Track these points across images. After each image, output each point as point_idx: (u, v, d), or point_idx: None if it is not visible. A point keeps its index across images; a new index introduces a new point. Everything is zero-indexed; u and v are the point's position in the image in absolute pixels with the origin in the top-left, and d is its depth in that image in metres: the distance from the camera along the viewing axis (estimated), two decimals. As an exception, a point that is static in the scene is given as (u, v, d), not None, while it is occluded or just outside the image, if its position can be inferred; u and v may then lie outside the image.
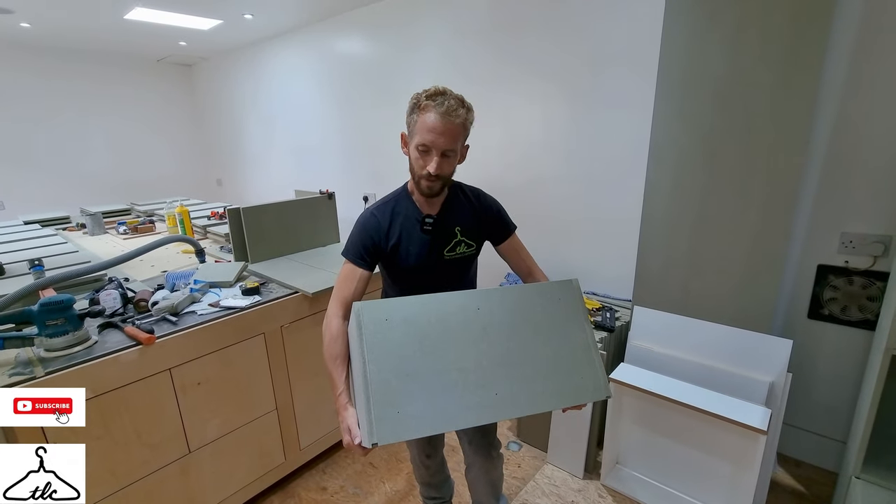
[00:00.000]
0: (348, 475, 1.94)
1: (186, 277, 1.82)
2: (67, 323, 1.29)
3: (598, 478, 1.86)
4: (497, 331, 0.90)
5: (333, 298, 1.11)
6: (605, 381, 0.94)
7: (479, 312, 0.90)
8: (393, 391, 0.79)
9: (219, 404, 1.57)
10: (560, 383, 0.90)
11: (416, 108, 1.05)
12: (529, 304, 0.94)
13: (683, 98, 1.73)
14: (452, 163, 1.08)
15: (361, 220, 1.17)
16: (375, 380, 0.79)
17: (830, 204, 1.69)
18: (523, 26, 2.45)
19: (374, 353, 0.81)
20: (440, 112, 1.00)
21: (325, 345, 1.04)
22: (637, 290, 1.99)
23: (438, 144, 1.02)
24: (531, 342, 0.91)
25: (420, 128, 1.03)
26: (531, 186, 2.60)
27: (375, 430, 0.76)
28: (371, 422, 0.77)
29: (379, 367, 0.81)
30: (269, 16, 3.50)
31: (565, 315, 0.96)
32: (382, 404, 0.78)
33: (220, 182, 5.70)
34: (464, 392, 0.83)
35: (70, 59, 4.48)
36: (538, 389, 0.88)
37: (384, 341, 0.83)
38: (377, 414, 0.77)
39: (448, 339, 0.86)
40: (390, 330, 0.84)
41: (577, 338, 0.94)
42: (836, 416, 1.81)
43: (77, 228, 3.20)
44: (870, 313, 1.67)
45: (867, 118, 1.57)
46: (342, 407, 0.95)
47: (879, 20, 1.50)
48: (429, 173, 1.04)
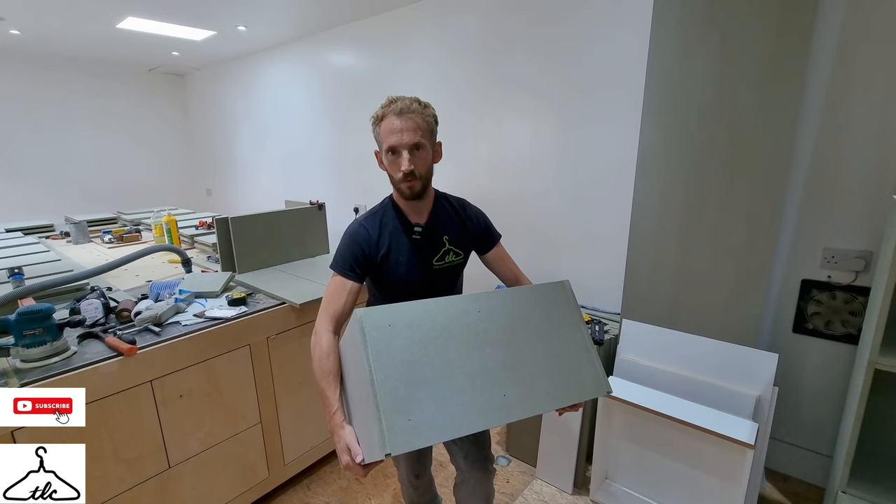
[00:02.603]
0: (333, 491, 1.89)
1: (171, 287, 1.79)
2: (46, 333, 1.26)
3: (587, 493, 1.84)
4: (499, 333, 0.90)
5: (322, 313, 1.07)
6: (604, 377, 0.95)
7: (479, 316, 0.90)
8: (402, 399, 0.76)
9: (201, 417, 1.53)
10: (563, 382, 0.91)
11: (377, 120, 1.09)
12: (527, 306, 0.95)
13: (669, 115, 1.77)
14: (425, 158, 1.09)
15: (350, 231, 1.16)
16: (384, 388, 0.76)
17: (813, 219, 1.72)
18: (513, 44, 2.50)
19: (381, 360, 0.78)
20: (396, 112, 1.05)
21: (315, 361, 1.00)
22: (625, 304, 2.00)
23: (404, 141, 1.04)
24: (532, 343, 0.92)
25: (384, 134, 1.07)
26: (520, 200, 2.62)
27: (388, 439, 0.72)
28: (382, 431, 0.73)
29: (386, 374, 0.77)
30: (262, 28, 3.52)
31: (561, 315, 0.97)
32: (393, 413, 0.75)
33: (209, 192, 5.66)
34: (472, 396, 0.81)
35: (60, 66, 4.45)
36: (543, 389, 0.88)
37: (389, 348, 0.80)
38: (388, 423, 0.73)
39: (452, 343, 0.85)
40: (394, 336, 0.82)
41: (574, 337, 0.96)
42: (821, 430, 1.82)
43: (61, 237, 3.15)
44: (853, 328, 1.69)
45: (847, 135, 1.61)
46: (338, 426, 0.90)
47: (857, 40, 1.55)
48: (404, 173, 1.06)
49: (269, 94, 4.33)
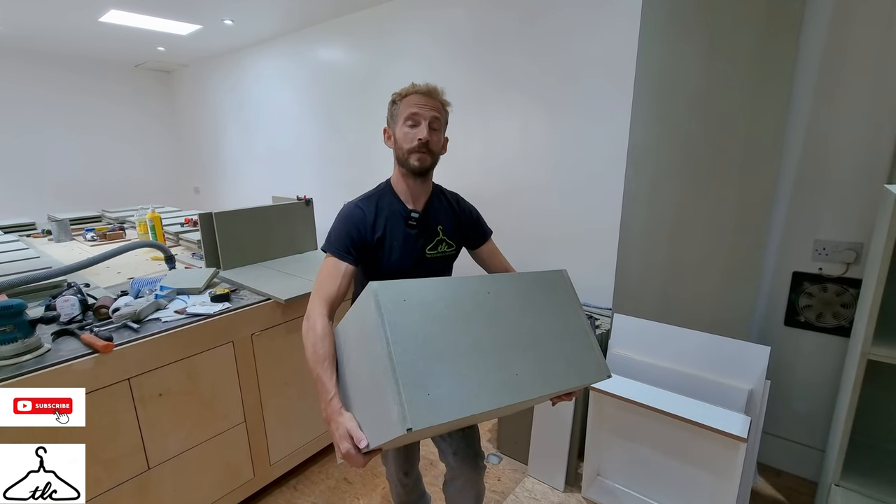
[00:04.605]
0: (321, 491, 1.85)
1: (153, 284, 1.74)
2: (17, 330, 1.20)
3: (579, 490, 1.82)
4: (508, 314, 0.90)
5: (315, 297, 1.03)
6: (604, 362, 0.96)
7: (489, 297, 0.90)
8: (420, 373, 0.74)
9: (182, 416, 1.48)
10: (568, 365, 0.91)
11: (399, 97, 1.11)
12: (532, 290, 0.97)
13: (660, 106, 1.75)
14: (439, 137, 1.12)
15: (345, 211, 1.13)
16: (402, 361, 0.73)
17: (804, 211, 1.71)
18: (502, 38, 2.47)
19: (398, 333, 0.76)
20: (422, 91, 1.09)
21: (309, 347, 0.95)
22: (617, 298, 1.98)
23: (426, 114, 1.07)
24: (538, 325, 0.92)
25: (406, 107, 1.08)
26: (511, 196, 2.60)
27: (409, 413, 0.69)
28: (402, 405, 0.69)
29: (403, 347, 0.75)
30: (249, 22, 3.47)
31: (562, 301, 0.99)
32: (412, 387, 0.71)
33: (197, 190, 5.58)
34: (487, 373, 0.80)
35: (42, 62, 4.35)
36: (551, 371, 0.88)
37: (405, 322, 0.78)
38: (408, 397, 0.70)
39: (464, 321, 0.84)
40: (409, 311, 0.80)
41: (574, 323, 0.97)
42: (814, 424, 1.81)
43: (42, 235, 3.07)
44: (844, 320, 1.68)
45: (836, 126, 1.60)
46: (336, 412, 0.84)
47: (846, 29, 1.54)
48: (420, 141, 1.06)
49: (257, 90, 4.27)
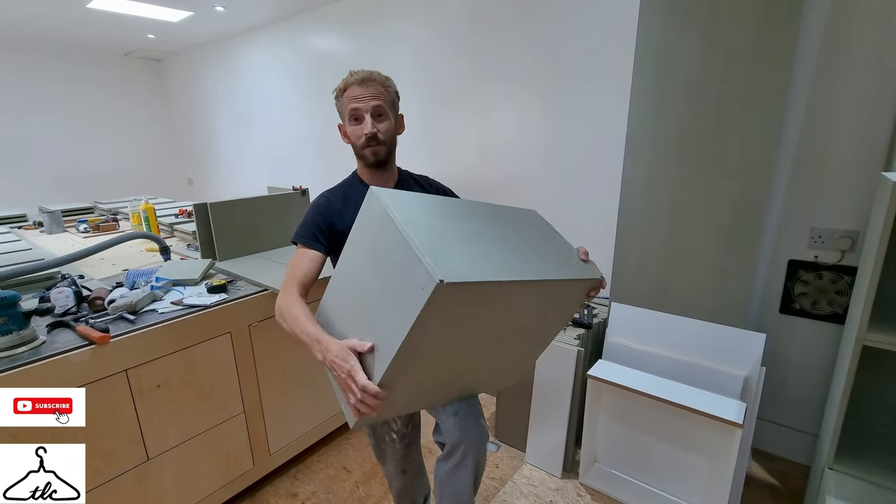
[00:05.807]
0: (321, 480, 1.86)
1: (148, 275, 1.72)
2: (11, 322, 1.19)
3: (576, 476, 1.84)
4: (503, 217, 0.97)
5: (287, 284, 1.05)
6: (596, 269, 0.99)
7: (480, 206, 0.97)
8: (437, 247, 0.72)
9: (181, 407, 1.48)
10: (566, 262, 0.95)
11: (340, 92, 1.12)
12: (515, 212, 1.05)
13: (658, 94, 1.74)
14: (388, 124, 1.12)
15: (313, 202, 1.16)
16: (418, 236, 0.72)
17: (800, 199, 1.71)
18: (499, 26, 2.44)
19: (407, 217, 0.76)
20: (358, 82, 1.09)
21: (289, 317, 0.96)
22: (614, 287, 1.99)
23: (366, 106, 1.08)
24: (531, 234, 0.99)
25: (347, 103, 1.10)
26: (508, 185, 2.59)
27: (437, 268, 0.65)
28: (426, 266, 0.65)
29: (416, 229, 0.74)
30: (241, 8, 3.41)
31: (543, 225, 1.07)
32: (434, 253, 0.69)
33: (191, 181, 5.53)
34: (501, 256, 0.82)
35: (30, 50, 4.27)
36: (552, 262, 0.92)
37: (412, 212, 0.80)
38: (432, 258, 0.67)
39: (464, 220, 0.88)
40: (411, 207, 0.83)
41: (560, 241, 1.02)
42: (808, 409, 1.83)
43: (34, 227, 3.04)
44: (839, 307, 1.70)
45: (834, 114, 1.60)
46: (331, 342, 0.84)
47: (846, 16, 1.53)
48: (367, 136, 1.08)
49: (249, 79, 4.21)
